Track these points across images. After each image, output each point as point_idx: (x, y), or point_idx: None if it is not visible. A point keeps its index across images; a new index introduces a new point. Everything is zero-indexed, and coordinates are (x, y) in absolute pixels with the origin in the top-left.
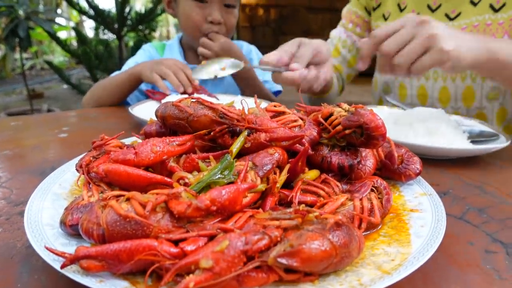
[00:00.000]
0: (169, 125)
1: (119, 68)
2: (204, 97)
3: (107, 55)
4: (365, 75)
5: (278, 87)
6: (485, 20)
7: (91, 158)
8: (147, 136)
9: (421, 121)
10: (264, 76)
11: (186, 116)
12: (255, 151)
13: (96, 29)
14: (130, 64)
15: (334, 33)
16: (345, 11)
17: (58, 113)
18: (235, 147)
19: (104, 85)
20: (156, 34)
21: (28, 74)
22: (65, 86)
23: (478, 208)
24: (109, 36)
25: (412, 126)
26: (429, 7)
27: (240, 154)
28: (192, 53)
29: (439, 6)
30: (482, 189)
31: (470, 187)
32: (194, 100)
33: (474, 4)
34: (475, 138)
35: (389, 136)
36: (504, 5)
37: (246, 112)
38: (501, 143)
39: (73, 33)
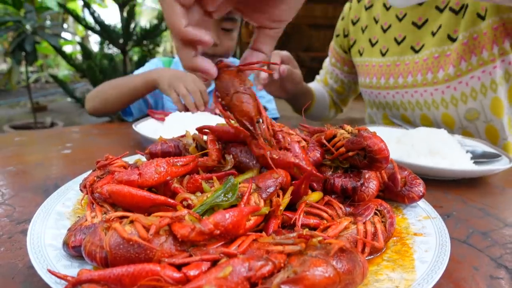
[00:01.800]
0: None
1: None
2: (207, 115)
3: (111, 69)
4: None
5: (275, 114)
6: (445, 51)
7: (95, 178)
8: (152, 155)
9: (423, 141)
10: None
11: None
12: (269, 167)
13: (101, 43)
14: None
15: (325, 63)
16: (330, 45)
17: (62, 129)
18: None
19: (115, 85)
20: (160, 48)
21: (33, 87)
22: (69, 99)
23: (481, 232)
24: (114, 50)
25: (414, 146)
26: (395, 40)
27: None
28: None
29: (404, 38)
30: (485, 211)
31: (473, 209)
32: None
33: (433, 34)
34: (478, 158)
35: (392, 156)
36: (458, 34)
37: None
38: (503, 164)
39: (78, 47)
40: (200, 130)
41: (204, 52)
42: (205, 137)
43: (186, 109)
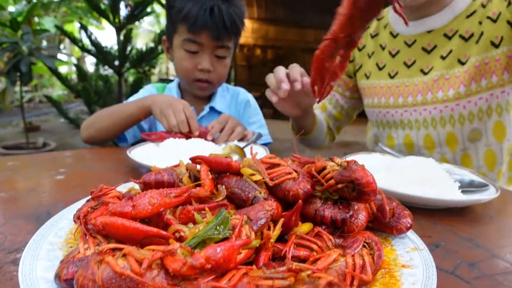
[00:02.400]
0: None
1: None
2: (201, 141)
3: (106, 91)
4: (360, 115)
5: (268, 140)
6: (455, 73)
7: (89, 209)
8: (145, 185)
9: (412, 170)
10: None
11: None
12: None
13: (97, 64)
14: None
15: None
16: None
17: (55, 153)
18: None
19: (110, 113)
20: (156, 70)
21: (26, 107)
22: (62, 119)
23: (469, 263)
24: (109, 71)
25: (404, 175)
26: (405, 64)
27: (231, 201)
28: (188, 96)
29: (414, 62)
30: (473, 241)
31: (461, 240)
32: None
33: (443, 58)
34: (466, 187)
35: (382, 185)
36: (470, 57)
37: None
38: (491, 193)
39: (74, 68)
40: (194, 160)
41: (198, 78)
42: (198, 166)
43: (182, 136)
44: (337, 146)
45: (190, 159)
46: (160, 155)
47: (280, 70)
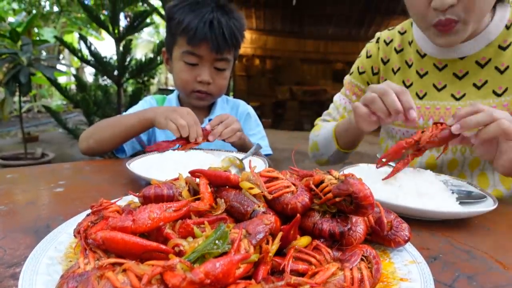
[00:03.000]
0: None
1: (118, 114)
2: (200, 153)
3: (105, 101)
4: None
5: (268, 151)
6: (490, 104)
7: (89, 224)
8: (145, 199)
9: (410, 181)
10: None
11: None
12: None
13: (96, 75)
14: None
15: (338, 101)
16: (347, 83)
17: (54, 165)
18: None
19: (109, 125)
20: (155, 80)
21: (25, 117)
22: (60, 129)
23: (467, 275)
24: (108, 81)
25: (402, 187)
26: (434, 86)
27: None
28: (188, 107)
29: (445, 86)
30: (471, 254)
31: (459, 252)
32: None
33: (478, 88)
34: (463, 199)
35: (381, 197)
36: (506, 90)
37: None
38: (488, 205)
39: (73, 78)
40: (193, 173)
41: (198, 90)
42: (197, 180)
43: (182, 142)
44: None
45: (190, 172)
46: (159, 167)
47: (394, 96)
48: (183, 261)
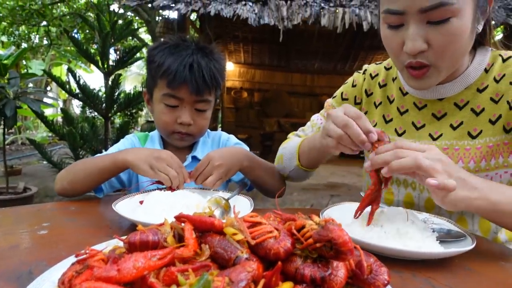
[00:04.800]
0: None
1: (105, 148)
2: (186, 193)
3: (92, 134)
4: (348, 156)
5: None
6: (464, 146)
7: (74, 273)
8: (130, 246)
9: (391, 222)
10: None
11: None
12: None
13: (83, 107)
14: (112, 151)
15: (315, 120)
16: (328, 103)
17: (39, 206)
18: None
19: (86, 166)
20: (143, 112)
21: (8, 149)
22: (45, 162)
23: None
24: (95, 114)
25: (383, 227)
26: (414, 125)
27: (215, 260)
28: (171, 145)
29: (423, 125)
30: None
31: None
32: None
33: (454, 128)
34: (443, 238)
35: (363, 239)
36: (480, 132)
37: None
38: (467, 244)
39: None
40: (178, 218)
41: (178, 131)
42: (183, 224)
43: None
44: (324, 188)
45: (175, 217)
46: (145, 208)
47: (357, 127)
48: None
